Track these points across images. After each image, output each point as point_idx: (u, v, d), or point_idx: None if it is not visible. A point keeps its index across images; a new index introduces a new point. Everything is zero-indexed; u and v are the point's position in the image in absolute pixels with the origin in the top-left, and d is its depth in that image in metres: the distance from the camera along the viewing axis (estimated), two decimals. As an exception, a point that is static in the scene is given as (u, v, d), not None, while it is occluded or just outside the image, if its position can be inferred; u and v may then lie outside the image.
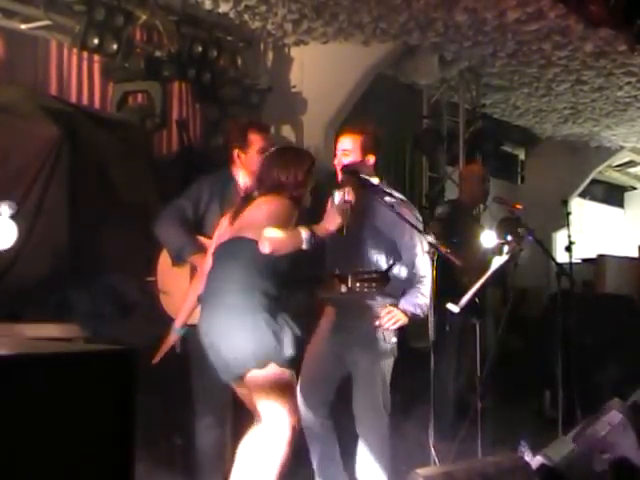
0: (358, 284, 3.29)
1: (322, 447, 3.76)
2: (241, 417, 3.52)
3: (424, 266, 3.67)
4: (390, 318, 3.59)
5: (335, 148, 3.84)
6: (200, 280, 3.33)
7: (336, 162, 3.78)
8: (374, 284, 3.29)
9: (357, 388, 3.70)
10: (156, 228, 3.76)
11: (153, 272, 3.86)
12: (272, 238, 2.95)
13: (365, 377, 3.69)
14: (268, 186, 3.22)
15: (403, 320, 3.60)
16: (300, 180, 3.24)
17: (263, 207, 3.14)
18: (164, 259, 3.82)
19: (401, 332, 3.83)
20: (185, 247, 3.67)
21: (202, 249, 3.61)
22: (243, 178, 3.76)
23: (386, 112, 7.69)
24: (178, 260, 3.71)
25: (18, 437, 1.42)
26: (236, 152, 3.81)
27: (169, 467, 3.96)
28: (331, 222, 3.20)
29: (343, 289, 3.38)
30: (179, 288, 3.71)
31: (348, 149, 3.73)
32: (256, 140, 3.74)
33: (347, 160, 3.71)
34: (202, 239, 3.72)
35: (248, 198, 3.30)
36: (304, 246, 3.04)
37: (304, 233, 3.04)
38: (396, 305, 3.63)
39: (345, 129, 3.89)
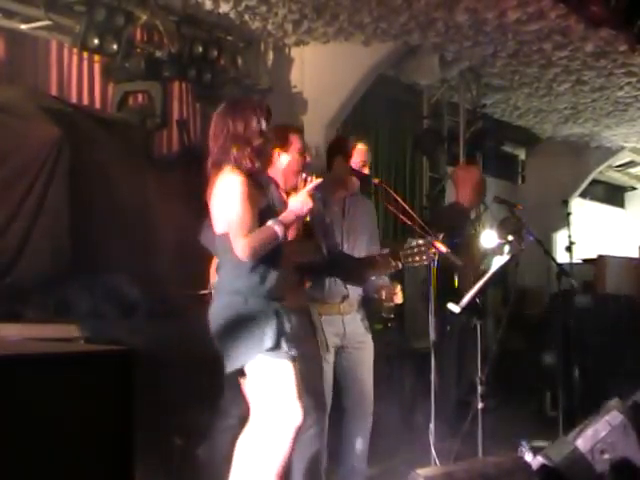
0: (410, 259, 3.46)
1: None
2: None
3: None
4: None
5: (352, 155, 3.91)
6: None
7: (355, 169, 3.87)
8: (424, 257, 3.42)
9: (362, 372, 3.79)
10: (202, 238, 3.73)
11: (205, 285, 3.78)
12: (249, 248, 2.91)
13: (369, 359, 3.83)
14: (225, 142, 3.06)
15: None
16: (259, 128, 3.07)
17: (223, 199, 3.01)
18: (214, 269, 3.77)
19: (402, 332, 3.84)
20: None
21: None
22: (282, 178, 3.68)
23: (386, 112, 7.70)
24: None
25: (18, 437, 1.42)
26: (277, 153, 3.79)
27: (169, 467, 3.96)
28: (298, 205, 3.09)
29: (399, 266, 3.54)
30: None
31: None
32: (295, 140, 3.71)
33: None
34: None
35: (212, 173, 3.12)
36: (280, 239, 2.99)
37: (277, 227, 2.97)
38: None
39: (361, 140, 4.00)
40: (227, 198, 2.99)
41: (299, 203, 3.10)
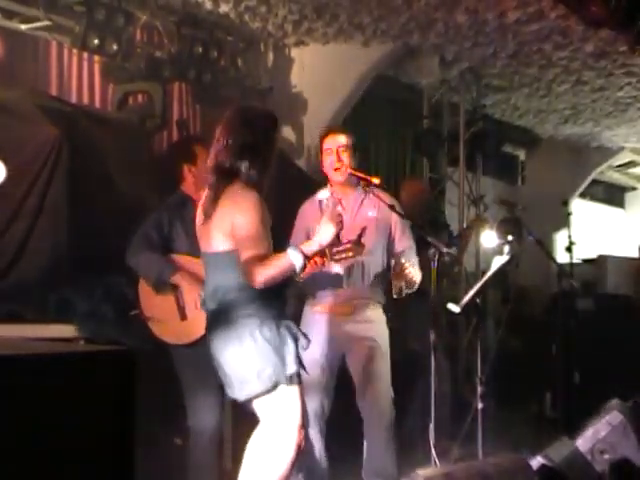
0: (336, 256, 3.17)
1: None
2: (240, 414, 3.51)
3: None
4: None
5: (323, 148, 3.76)
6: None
7: (330, 162, 3.72)
8: (350, 253, 3.15)
9: (373, 374, 3.69)
10: (129, 259, 3.73)
11: (136, 305, 3.80)
12: (262, 276, 2.75)
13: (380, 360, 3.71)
14: (235, 152, 2.88)
15: None
16: (271, 138, 2.95)
17: (236, 215, 2.82)
18: (143, 288, 3.78)
19: (402, 332, 3.83)
20: (164, 270, 3.66)
21: (178, 268, 3.64)
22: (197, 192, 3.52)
23: (387, 112, 7.70)
24: (159, 284, 3.67)
25: (18, 437, 1.42)
26: (186, 168, 3.79)
27: (169, 467, 3.96)
28: (325, 235, 2.90)
29: (326, 264, 3.33)
30: (168, 311, 3.68)
31: (345, 144, 3.70)
32: (202, 152, 3.62)
33: (346, 157, 3.67)
34: (176, 257, 3.73)
35: (218, 183, 2.92)
36: (297, 272, 2.83)
37: (296, 259, 2.77)
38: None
39: (334, 129, 3.92)
40: (243, 216, 2.81)
41: (323, 233, 2.91)
